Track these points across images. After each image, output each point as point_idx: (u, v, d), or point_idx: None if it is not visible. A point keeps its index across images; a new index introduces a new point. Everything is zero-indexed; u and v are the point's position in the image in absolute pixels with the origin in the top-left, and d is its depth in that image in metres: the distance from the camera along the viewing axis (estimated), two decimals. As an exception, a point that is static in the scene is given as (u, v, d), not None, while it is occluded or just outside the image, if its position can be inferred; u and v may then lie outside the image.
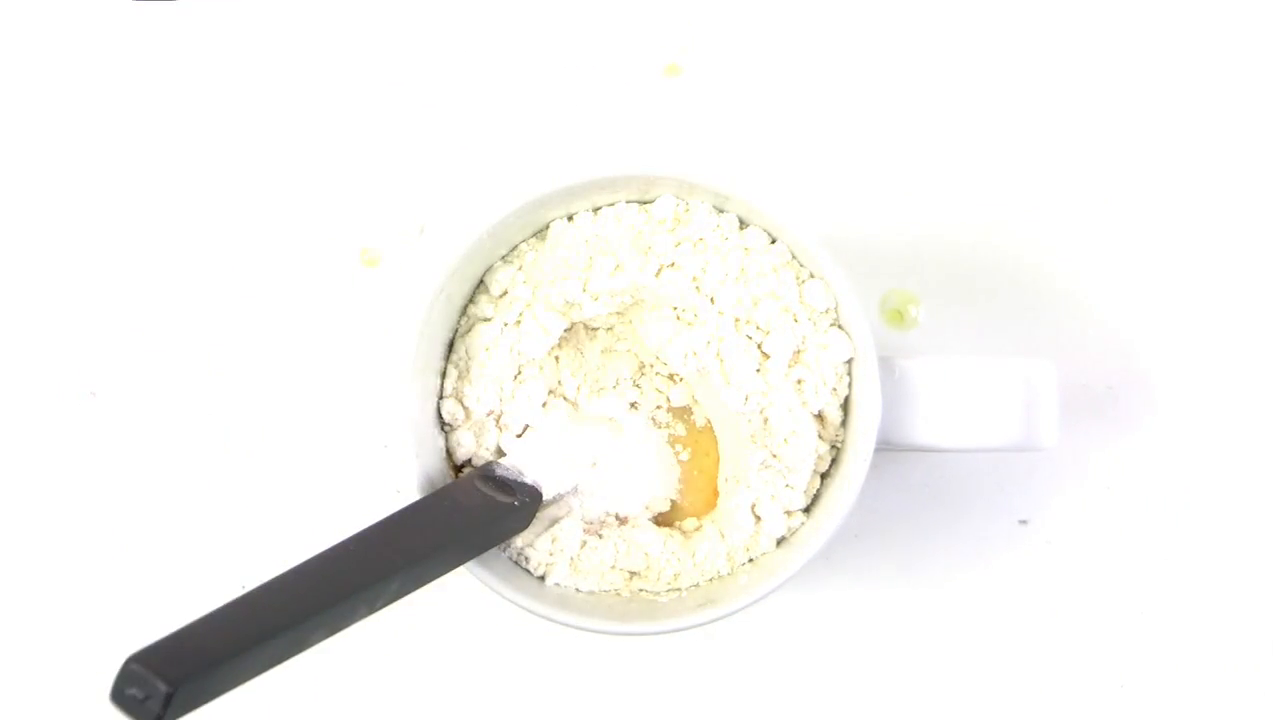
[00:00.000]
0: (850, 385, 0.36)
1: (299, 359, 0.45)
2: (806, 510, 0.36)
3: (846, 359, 0.36)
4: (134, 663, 0.22)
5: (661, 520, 0.37)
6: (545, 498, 0.33)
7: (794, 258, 0.36)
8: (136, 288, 0.46)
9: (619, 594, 0.36)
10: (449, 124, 0.47)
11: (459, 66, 0.47)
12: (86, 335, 0.45)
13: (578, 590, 0.36)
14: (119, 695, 0.22)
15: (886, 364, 0.35)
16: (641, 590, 0.36)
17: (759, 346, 0.36)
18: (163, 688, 0.22)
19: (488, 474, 0.33)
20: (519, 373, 0.37)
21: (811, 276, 0.36)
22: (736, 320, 0.36)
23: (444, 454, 0.37)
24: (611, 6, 0.47)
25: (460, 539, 0.30)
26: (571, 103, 0.47)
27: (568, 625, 0.34)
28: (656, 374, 0.38)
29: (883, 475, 0.34)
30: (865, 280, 0.34)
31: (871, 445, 0.34)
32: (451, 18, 0.48)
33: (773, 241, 0.36)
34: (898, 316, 0.33)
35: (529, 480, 0.34)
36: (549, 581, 0.36)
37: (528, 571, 0.36)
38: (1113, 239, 0.44)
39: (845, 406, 0.36)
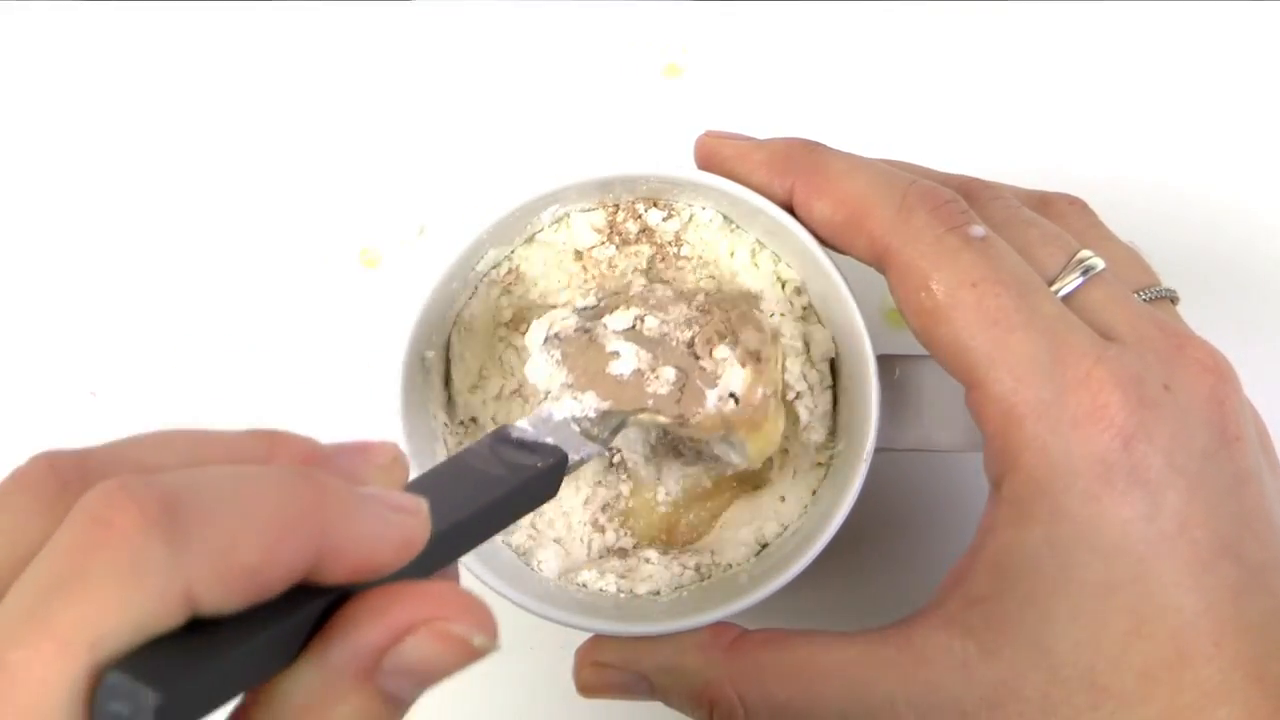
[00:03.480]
0: (839, 385, 0.36)
1: (299, 359, 0.45)
2: (807, 510, 0.36)
3: (826, 354, 0.36)
4: (115, 672, 0.19)
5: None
6: (571, 459, 0.29)
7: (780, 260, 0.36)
8: (137, 288, 0.46)
9: (620, 594, 0.36)
10: (449, 125, 0.47)
11: (459, 67, 0.47)
12: (86, 335, 0.45)
13: (580, 587, 0.36)
14: (101, 716, 0.18)
15: (886, 364, 0.35)
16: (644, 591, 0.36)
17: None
18: (150, 698, 0.18)
19: (504, 437, 0.29)
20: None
21: (795, 283, 0.36)
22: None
23: (444, 453, 0.37)
24: (611, 7, 0.47)
25: (482, 511, 0.25)
26: (571, 103, 0.47)
27: (567, 625, 0.34)
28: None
29: (883, 475, 0.34)
30: (866, 280, 0.34)
31: (871, 445, 0.34)
32: (451, 19, 0.48)
33: (770, 246, 0.37)
34: (898, 316, 0.33)
35: (550, 441, 0.29)
36: (546, 573, 0.36)
37: (530, 568, 0.36)
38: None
39: (845, 406, 0.36)
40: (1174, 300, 0.34)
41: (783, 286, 0.37)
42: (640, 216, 0.37)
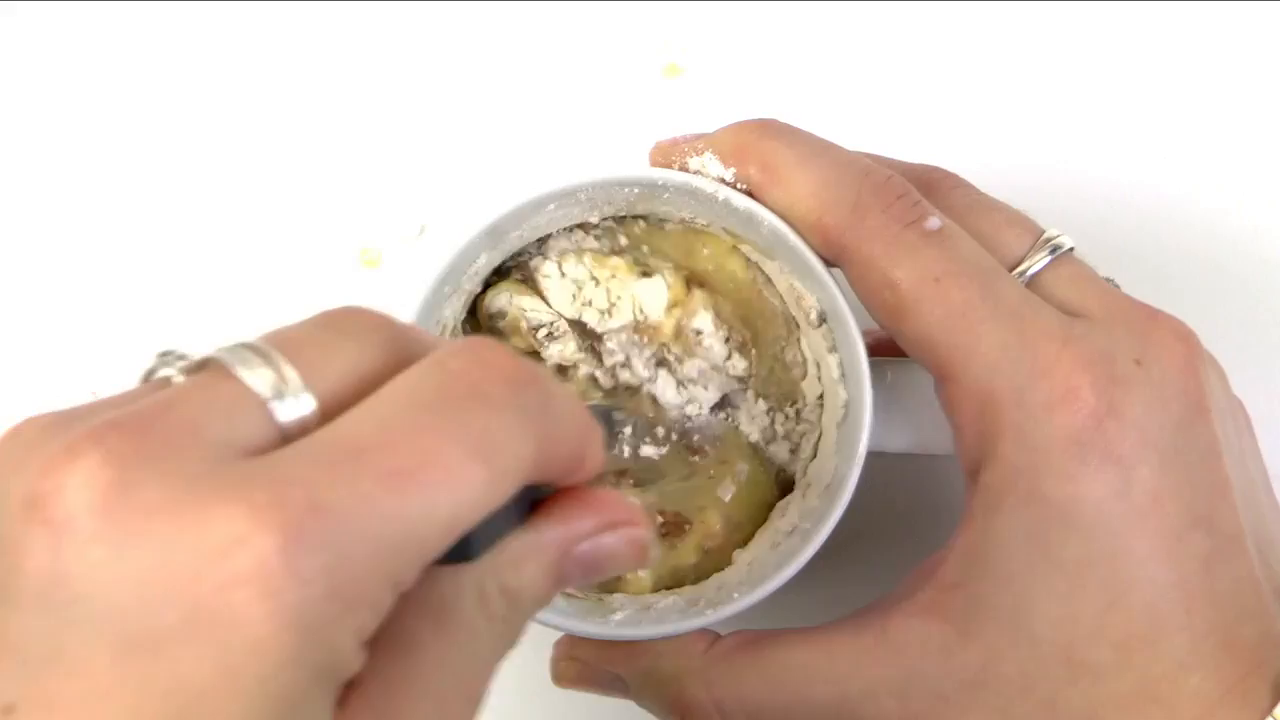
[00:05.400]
0: (841, 387, 0.36)
1: (299, 359, 0.45)
2: (805, 510, 0.36)
3: (829, 349, 0.36)
4: None
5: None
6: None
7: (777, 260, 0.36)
8: (138, 288, 0.46)
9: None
10: (448, 125, 0.47)
11: (459, 67, 0.47)
12: (86, 335, 0.45)
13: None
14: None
15: (878, 367, 0.35)
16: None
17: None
18: None
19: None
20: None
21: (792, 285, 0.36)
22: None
23: None
24: (611, 7, 0.47)
25: None
26: (571, 103, 0.47)
27: (564, 627, 0.34)
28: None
29: (881, 476, 0.34)
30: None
31: (864, 449, 0.34)
32: (451, 18, 0.48)
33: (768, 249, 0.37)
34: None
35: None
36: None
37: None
38: (1106, 242, 0.44)
39: (842, 409, 0.36)
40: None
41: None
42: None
